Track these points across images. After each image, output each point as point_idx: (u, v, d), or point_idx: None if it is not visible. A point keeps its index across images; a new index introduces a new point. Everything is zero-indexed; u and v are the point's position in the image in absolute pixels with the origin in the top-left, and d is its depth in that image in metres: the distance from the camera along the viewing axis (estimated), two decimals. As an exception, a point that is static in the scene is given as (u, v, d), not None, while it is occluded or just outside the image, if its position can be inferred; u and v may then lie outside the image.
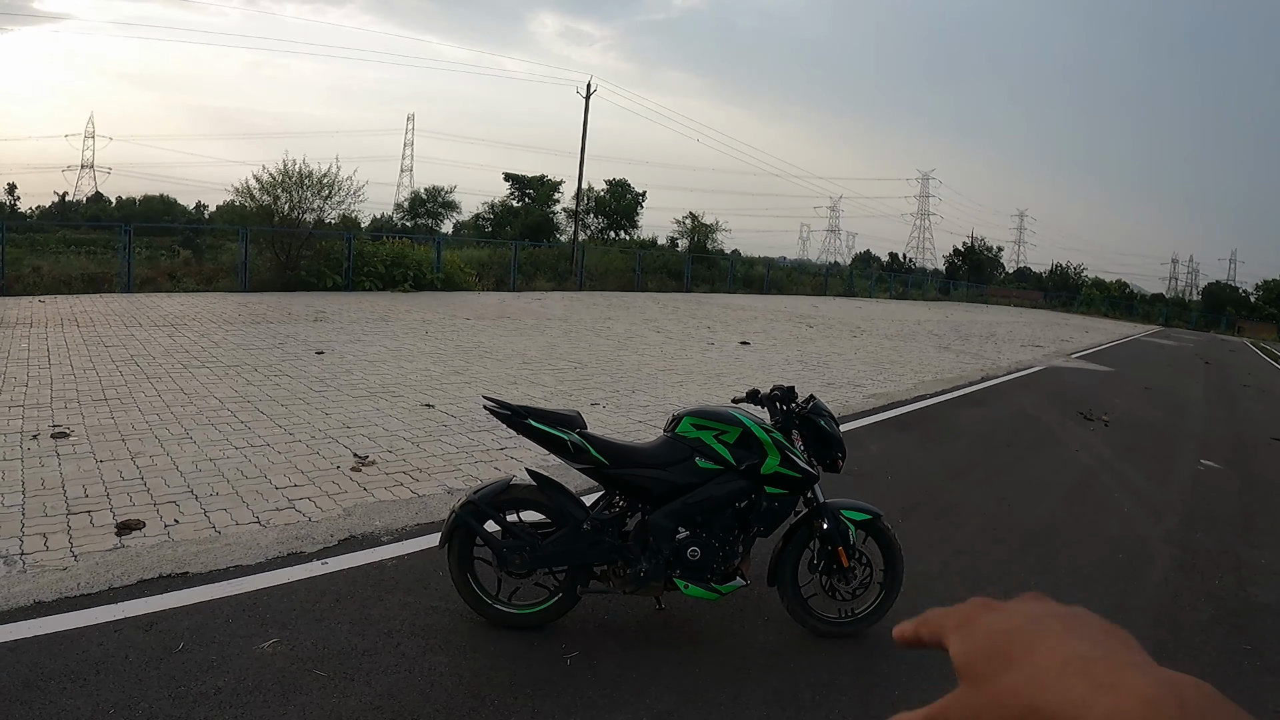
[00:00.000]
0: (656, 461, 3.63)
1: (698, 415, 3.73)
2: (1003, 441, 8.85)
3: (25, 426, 6.54)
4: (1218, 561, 5.56)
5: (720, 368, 12.25)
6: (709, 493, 3.61)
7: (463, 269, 25.63)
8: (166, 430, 6.59)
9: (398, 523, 4.90)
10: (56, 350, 10.14)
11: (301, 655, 3.35)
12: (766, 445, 3.64)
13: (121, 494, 5.08)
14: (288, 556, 4.34)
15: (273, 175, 21.89)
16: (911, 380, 12.67)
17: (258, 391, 8.21)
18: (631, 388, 9.94)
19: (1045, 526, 5.95)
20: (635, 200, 53.16)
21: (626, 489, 3.68)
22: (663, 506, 3.62)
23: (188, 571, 4.06)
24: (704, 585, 3.63)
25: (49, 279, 19.02)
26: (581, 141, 35.16)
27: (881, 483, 6.64)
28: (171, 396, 7.79)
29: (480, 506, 3.61)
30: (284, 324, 13.92)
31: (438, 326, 14.93)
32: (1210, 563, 5.53)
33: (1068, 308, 63.67)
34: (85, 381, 8.33)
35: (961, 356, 17.29)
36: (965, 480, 7.04)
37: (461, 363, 10.89)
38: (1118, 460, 8.49)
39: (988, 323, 32.22)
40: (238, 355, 10.33)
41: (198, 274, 21.69)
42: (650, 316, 20.54)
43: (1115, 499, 6.93)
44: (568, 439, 3.58)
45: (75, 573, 3.95)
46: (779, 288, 42.97)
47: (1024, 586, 4.67)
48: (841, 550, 3.76)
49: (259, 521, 4.77)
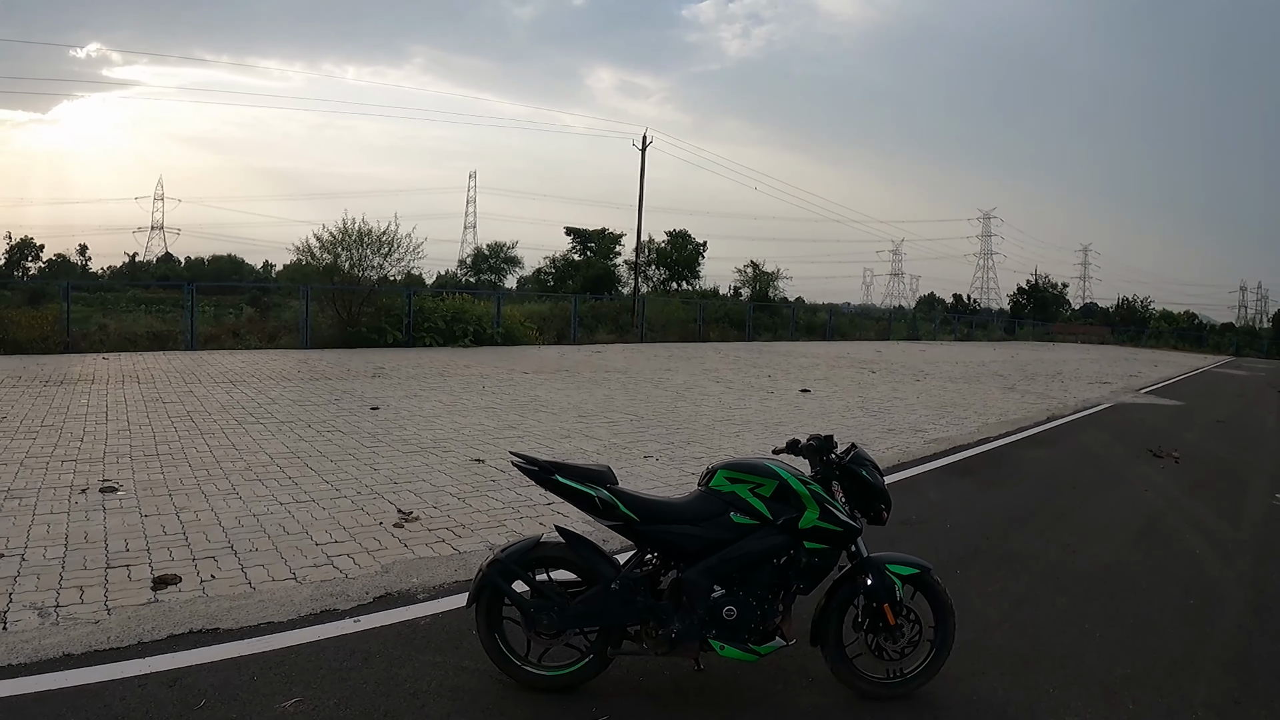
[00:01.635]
0: (689, 517, 3.47)
1: (732, 468, 3.56)
2: (1067, 483, 8.46)
3: (75, 480, 6.69)
4: (1297, 606, 5.17)
5: (779, 417, 12.03)
6: (745, 549, 3.43)
7: (523, 323, 25.93)
8: (214, 486, 6.66)
9: (435, 580, 4.80)
10: (115, 406, 10.42)
11: (323, 715, 3.26)
12: (805, 498, 3.46)
13: (162, 549, 5.10)
14: (320, 614, 4.28)
15: (333, 234, 22.51)
16: (975, 423, 12.29)
17: (309, 447, 8.28)
18: (687, 439, 9.78)
19: (1111, 572, 5.60)
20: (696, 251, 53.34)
21: (658, 546, 3.51)
22: (697, 564, 3.44)
23: (218, 628, 4.03)
24: (741, 646, 3.43)
25: (115, 336, 19.76)
26: (639, 193, 35.51)
27: (940, 530, 6.37)
28: (223, 452, 7.90)
29: (507, 565, 3.49)
30: (342, 380, 14.14)
31: (495, 381, 15.02)
32: (1290, 607, 5.14)
33: (1136, 342, 61.81)
34: (140, 437, 8.51)
35: (1027, 397, 16.76)
36: (1027, 526, 6.70)
37: (516, 417, 10.87)
38: (1187, 499, 8.05)
39: (1054, 361, 31.32)
40: (292, 411, 10.48)
41: (261, 331, 22.30)
42: (710, 367, 20.40)
43: (1185, 540, 6.54)
44: (595, 495, 3.44)
45: (106, 626, 3.96)
46: (842, 334, 42.66)
47: (1089, 637, 4.40)
48: (888, 607, 3.51)
49: (295, 578, 4.73)
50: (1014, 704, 3.64)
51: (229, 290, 33.42)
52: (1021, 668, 4.00)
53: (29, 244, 61.45)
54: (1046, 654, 4.18)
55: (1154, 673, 4.03)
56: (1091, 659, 4.14)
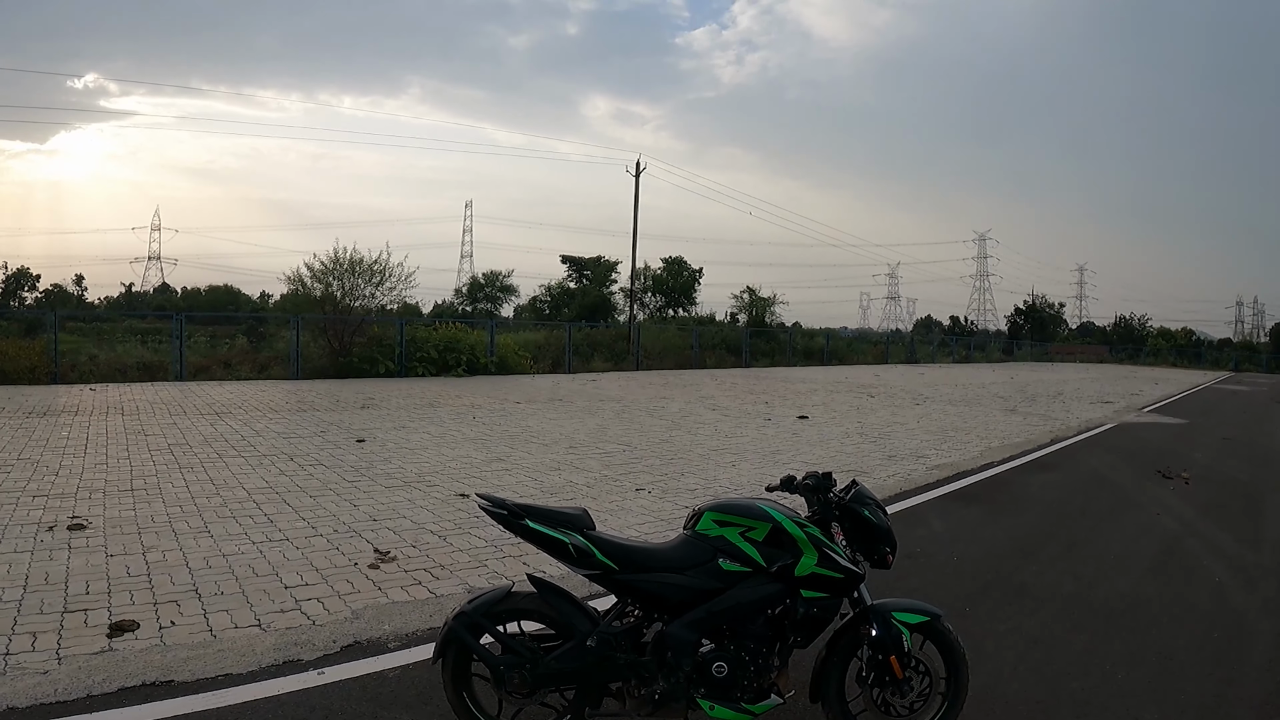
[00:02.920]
0: (674, 564, 3.18)
1: (720, 510, 3.27)
2: (1077, 510, 8.14)
3: (44, 517, 6.47)
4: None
5: (777, 445, 11.73)
6: (736, 599, 3.14)
7: (517, 352, 25.75)
8: (185, 523, 6.40)
9: (408, 626, 4.50)
10: (96, 439, 10.15)
11: (276, 784, 2.96)
12: (801, 542, 3.17)
13: (123, 591, 4.86)
14: (283, 665, 3.99)
15: (324, 263, 22.32)
16: (978, 448, 12.00)
17: (289, 482, 8.00)
18: (681, 470, 9.46)
19: (1130, 605, 5.29)
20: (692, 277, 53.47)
21: (640, 597, 3.21)
22: (683, 616, 3.15)
23: (173, 680, 3.75)
24: (733, 705, 3.11)
25: (105, 367, 19.59)
26: (634, 219, 35.50)
27: (946, 563, 6.06)
28: (199, 487, 7.64)
29: (474, 618, 3.19)
30: (330, 411, 13.87)
31: (487, 411, 14.75)
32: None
33: (1134, 360, 61.83)
34: (116, 471, 8.26)
35: (1029, 419, 16.49)
36: (1038, 557, 6.38)
37: (506, 449, 10.57)
38: (1203, 522, 7.76)
39: (1054, 381, 31.08)
40: (276, 444, 10.20)
41: (252, 362, 22.07)
42: (706, 394, 20.15)
43: (1205, 567, 6.24)
44: (569, 541, 3.15)
45: (55, 677, 3.72)
46: (840, 358, 42.52)
47: (1110, 680, 4.09)
48: (894, 659, 3.21)
49: (259, 624, 4.44)
50: (1034, 760, 3.33)
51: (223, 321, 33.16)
52: (1039, 716, 3.70)
53: (25, 274, 61.21)
54: (1066, 700, 3.87)
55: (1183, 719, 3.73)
56: (1115, 705, 3.83)
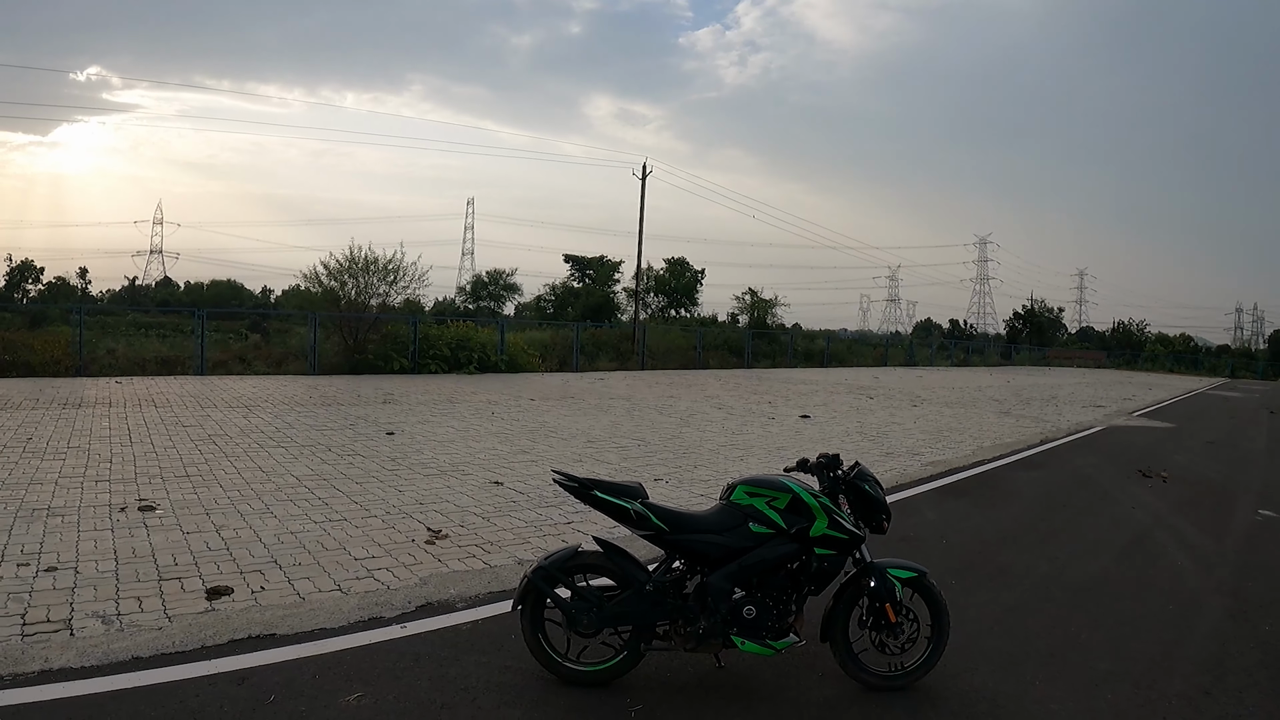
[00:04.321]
0: (713, 527, 3.90)
1: (750, 483, 4.00)
2: (1059, 503, 8.86)
3: (113, 500, 7.03)
4: (1269, 609, 5.59)
5: (781, 441, 12.42)
6: (762, 555, 3.85)
7: (526, 350, 26.31)
8: (248, 505, 7.02)
9: (471, 591, 5.18)
10: (136, 429, 10.78)
11: (384, 709, 3.62)
12: (815, 509, 3.88)
13: (209, 563, 5.45)
14: (369, 621, 4.65)
15: (339, 261, 22.90)
16: (970, 447, 12.71)
17: (332, 470, 8.64)
18: (694, 463, 10.16)
19: (1097, 583, 6.00)
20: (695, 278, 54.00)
21: (686, 553, 3.92)
22: (720, 569, 3.86)
23: (275, 633, 4.38)
24: (760, 642, 3.85)
25: (124, 361, 20.12)
26: (639, 222, 36.12)
27: (936, 546, 6.76)
28: (250, 474, 8.25)
29: (550, 571, 3.90)
30: (354, 406, 14.51)
31: (504, 407, 15.39)
32: (1261, 610, 5.56)
33: (1132, 366, 62.33)
34: (167, 459, 8.86)
35: (1021, 421, 17.21)
36: (1018, 543, 7.09)
37: (528, 442, 11.23)
38: (1174, 516, 8.45)
39: (1049, 385, 31.85)
40: (311, 435, 10.85)
41: (267, 357, 22.63)
42: (712, 393, 20.80)
43: (1169, 554, 6.94)
44: (631, 508, 3.88)
45: (170, 632, 4.30)
46: (840, 360, 43.05)
47: (1074, 639, 4.80)
48: (889, 606, 3.96)
49: (340, 589, 5.09)
50: (1004, 694, 4.05)
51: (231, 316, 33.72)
52: (1011, 665, 4.41)
53: (29, 266, 61.59)
54: (1034, 653, 4.59)
55: (1133, 669, 4.43)
56: (1075, 657, 4.55)
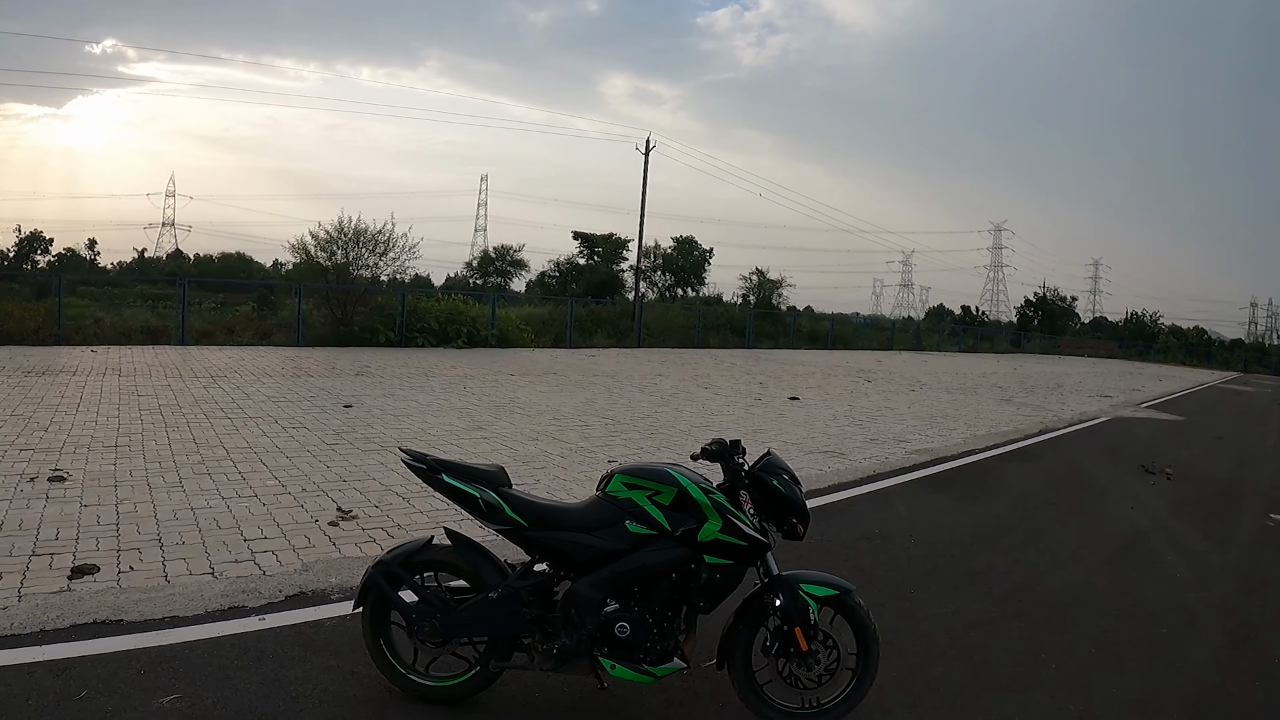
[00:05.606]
0: (582, 524, 3.22)
1: (629, 473, 3.30)
2: (1048, 500, 8.17)
3: (28, 469, 6.62)
4: (1278, 634, 4.89)
5: (761, 424, 11.78)
6: (640, 560, 3.17)
7: (518, 326, 25.80)
8: (161, 478, 6.53)
9: (353, 580, 4.58)
10: (90, 398, 10.29)
11: (196, 714, 3.12)
12: (705, 508, 3.18)
13: (91, 538, 5.00)
14: (228, 610, 4.13)
15: (329, 232, 22.40)
16: (962, 435, 12.02)
17: (269, 443, 8.12)
18: (658, 444, 9.54)
19: (1078, 596, 5.31)
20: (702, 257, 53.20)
21: (548, 554, 3.27)
22: (588, 575, 3.19)
23: (123, 619, 3.92)
24: (634, 666, 3.15)
25: (111, 330, 19.72)
26: (642, 198, 35.47)
27: (901, 546, 6.11)
28: (181, 445, 7.76)
29: (391, 567, 3.30)
30: (325, 378, 13.99)
31: (479, 382, 14.84)
32: (1268, 635, 4.86)
33: (1144, 357, 61.31)
34: (104, 428, 8.39)
35: (1022, 409, 16.48)
36: (996, 544, 6.42)
37: (490, 418, 10.67)
38: (1175, 518, 7.76)
39: (1057, 374, 30.98)
40: (264, 407, 10.32)
41: (257, 329, 22.20)
42: (702, 373, 20.20)
43: (1166, 562, 6.24)
44: (480, 496, 3.23)
45: (13, 613, 3.89)
46: (845, 343, 42.43)
47: (1042, 668, 4.12)
48: (799, 631, 3.19)
49: (213, 573, 4.58)
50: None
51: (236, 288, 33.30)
52: (959, 700, 3.72)
53: (38, 237, 61.57)
54: (990, 685, 3.89)
55: (1108, 712, 3.73)
56: (1040, 693, 3.84)
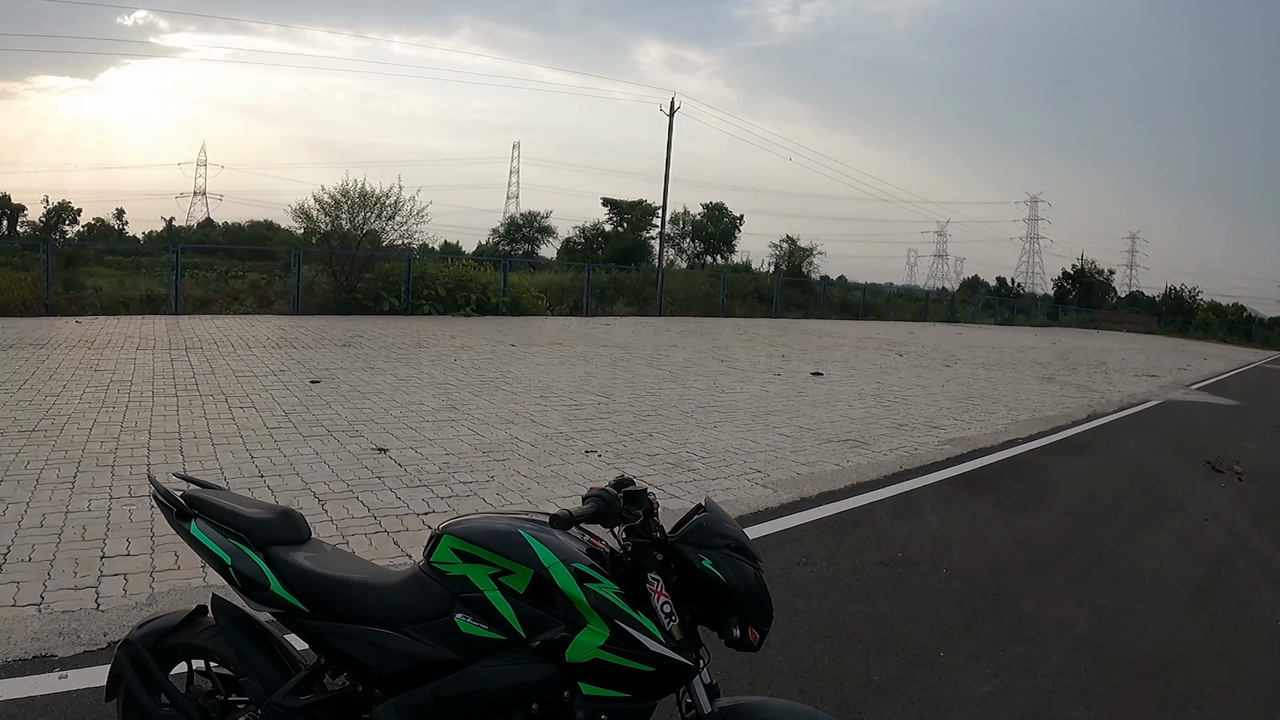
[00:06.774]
0: (394, 614, 2.02)
1: (463, 536, 2.03)
2: (1106, 509, 6.87)
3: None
4: None
5: (776, 404, 10.59)
6: (477, 682, 1.94)
7: (532, 292, 24.70)
8: (56, 472, 5.59)
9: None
10: (37, 375, 9.33)
11: None
12: (579, 606, 1.92)
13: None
14: (32, 660, 3.15)
15: (333, 196, 21.41)
16: (1003, 420, 10.73)
17: (202, 426, 7.15)
18: (652, 429, 8.37)
19: (1162, 660, 3.98)
20: (732, 224, 51.63)
21: (336, 658, 2.09)
22: (397, 695, 2.01)
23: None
24: None
25: (109, 300, 18.96)
26: (666, 159, 34.02)
27: (931, 577, 4.85)
28: (105, 431, 6.82)
29: (138, 650, 2.23)
30: (307, 349, 12.99)
31: (474, 354, 13.77)
32: None
33: (1183, 333, 59.06)
34: (33, 410, 7.47)
35: (1066, 389, 15.10)
36: (1050, 574, 5.11)
37: (469, 395, 9.60)
38: (1259, 534, 6.41)
39: (1098, 350, 29.21)
40: (222, 383, 9.33)
41: (261, 297, 21.32)
42: (721, 344, 19.00)
43: (1261, 600, 4.92)
44: (231, 564, 2.10)
45: None
46: (877, 314, 40.88)
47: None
48: None
49: (40, 604, 3.59)
50: None
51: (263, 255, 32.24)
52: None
53: (66, 208, 61.91)
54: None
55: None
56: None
